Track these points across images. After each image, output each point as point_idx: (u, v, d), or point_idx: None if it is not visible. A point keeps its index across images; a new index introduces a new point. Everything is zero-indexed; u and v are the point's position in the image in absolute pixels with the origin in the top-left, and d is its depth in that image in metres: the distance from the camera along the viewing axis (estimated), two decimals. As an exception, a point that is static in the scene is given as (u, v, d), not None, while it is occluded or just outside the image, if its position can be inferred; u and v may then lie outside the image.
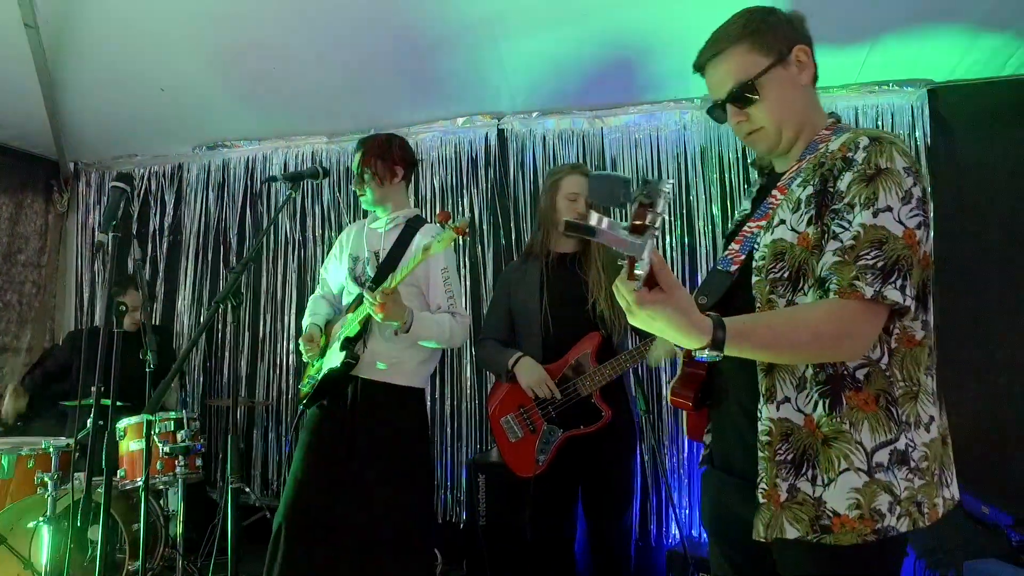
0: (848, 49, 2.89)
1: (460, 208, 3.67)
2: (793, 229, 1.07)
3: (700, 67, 1.22)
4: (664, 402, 3.23)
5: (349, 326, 2.11)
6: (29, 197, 4.18)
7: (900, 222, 1.00)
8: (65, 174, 4.26)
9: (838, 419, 1.04)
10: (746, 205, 1.28)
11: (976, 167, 3.03)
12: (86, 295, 4.22)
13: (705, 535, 2.01)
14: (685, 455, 3.21)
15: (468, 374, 3.56)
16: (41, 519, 2.36)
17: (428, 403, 3.35)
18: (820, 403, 1.05)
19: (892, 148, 1.03)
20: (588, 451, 2.21)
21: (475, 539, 2.84)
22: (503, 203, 3.60)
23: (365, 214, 2.33)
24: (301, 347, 2.22)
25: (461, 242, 3.63)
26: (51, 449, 2.50)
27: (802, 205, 1.07)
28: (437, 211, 3.68)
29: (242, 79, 3.37)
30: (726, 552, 1.23)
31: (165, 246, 4.15)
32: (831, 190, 1.04)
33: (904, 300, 0.99)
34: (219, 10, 2.87)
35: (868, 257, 0.99)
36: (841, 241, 1.01)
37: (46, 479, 2.39)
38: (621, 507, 2.28)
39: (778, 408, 1.07)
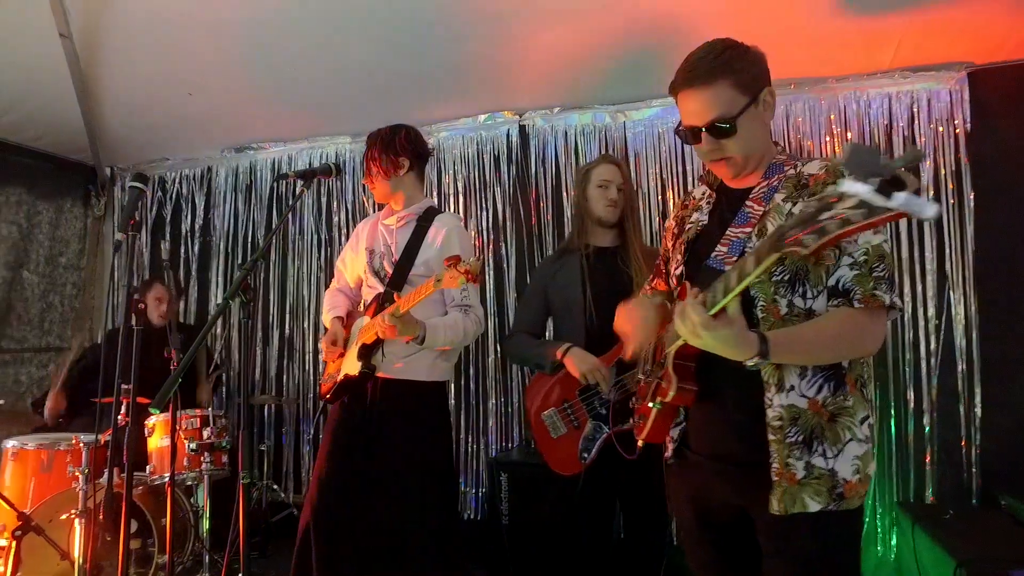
0: (879, 34, 2.77)
1: (483, 205, 3.65)
2: None
3: (677, 90, 1.30)
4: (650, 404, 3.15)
5: (367, 333, 2.09)
6: (69, 202, 4.32)
7: (886, 241, 1.22)
8: (101, 179, 4.40)
9: (841, 397, 1.22)
10: (699, 217, 1.41)
11: (1020, 152, 2.88)
12: (119, 295, 4.35)
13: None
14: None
15: (492, 370, 3.54)
16: (74, 512, 2.43)
17: (451, 399, 3.37)
18: (826, 385, 1.21)
19: None
20: (630, 450, 2.13)
21: (496, 538, 2.82)
22: (525, 199, 3.57)
23: (381, 206, 2.31)
24: (321, 347, 2.22)
25: (484, 238, 3.62)
26: (82, 444, 2.57)
27: None
28: (460, 207, 3.68)
29: (267, 81, 3.42)
30: (709, 536, 1.36)
31: (196, 247, 4.25)
32: None
33: (901, 305, 1.21)
34: (243, 16, 2.91)
35: (879, 270, 1.18)
36: (853, 256, 1.18)
37: (78, 473, 2.46)
38: (657, 512, 2.20)
39: (787, 396, 1.20)
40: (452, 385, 3.47)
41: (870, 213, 0.82)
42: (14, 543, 2.27)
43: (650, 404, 1.33)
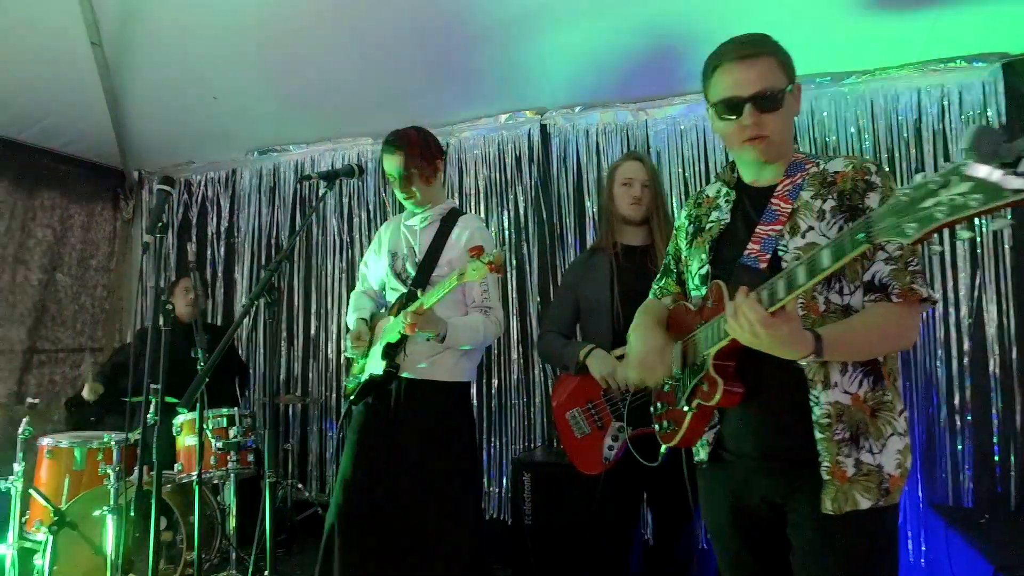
0: (909, 25, 2.71)
1: (505, 205, 3.65)
2: (824, 235, 1.22)
3: (718, 63, 1.29)
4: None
5: (391, 332, 2.09)
6: (99, 205, 4.43)
7: None
8: (129, 183, 4.49)
9: (880, 391, 1.22)
10: (719, 215, 1.39)
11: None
12: (147, 297, 4.44)
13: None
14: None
15: (516, 370, 3.54)
16: (106, 508, 2.49)
17: (474, 399, 3.38)
18: (866, 380, 1.21)
19: (890, 176, 1.26)
20: (655, 453, 2.12)
21: (521, 538, 2.82)
22: (547, 199, 3.56)
23: (402, 208, 2.32)
24: (348, 344, 2.23)
25: (505, 239, 3.62)
26: (113, 443, 2.63)
27: (827, 215, 1.24)
28: (481, 208, 3.69)
29: (290, 85, 3.46)
30: (743, 538, 1.34)
31: (222, 248, 4.32)
32: (860, 206, 1.21)
33: (936, 297, 1.26)
34: (266, 21, 2.95)
35: (913, 264, 1.19)
36: (888, 252, 1.19)
37: (109, 471, 2.52)
38: (685, 515, 2.17)
39: (832, 392, 1.20)
40: (474, 385, 3.48)
41: (988, 199, 0.77)
42: (51, 537, 2.33)
43: (685, 408, 1.30)
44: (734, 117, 1.26)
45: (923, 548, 2.82)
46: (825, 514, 1.17)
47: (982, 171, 0.77)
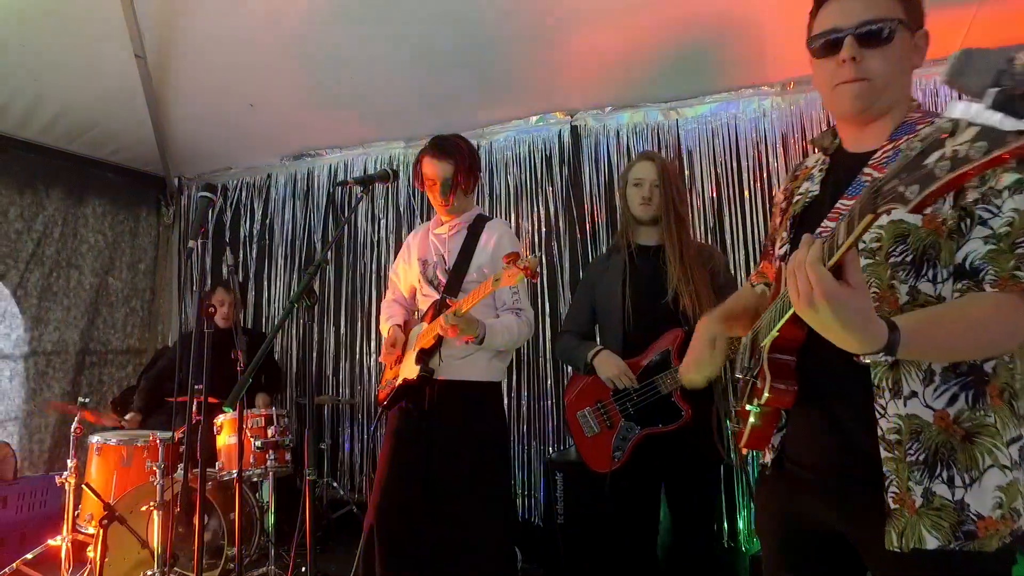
0: (947, 21, 2.63)
1: (536, 207, 3.67)
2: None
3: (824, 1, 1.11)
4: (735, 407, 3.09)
5: (425, 337, 2.14)
6: (144, 211, 4.59)
7: None
8: (170, 189, 4.64)
9: (981, 412, 0.97)
10: (809, 187, 1.18)
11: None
12: (186, 300, 4.58)
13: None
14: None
15: (545, 371, 3.55)
16: (152, 504, 2.58)
17: (505, 399, 3.40)
18: (963, 396, 0.97)
19: None
20: (669, 451, 2.13)
21: (553, 538, 2.83)
22: (578, 200, 3.56)
23: (430, 216, 2.36)
24: (383, 351, 2.28)
25: (536, 240, 3.63)
26: (158, 441, 2.73)
27: None
28: (512, 209, 3.71)
29: (323, 92, 3.54)
30: (793, 561, 1.16)
31: (255, 252, 4.43)
32: None
33: None
34: (299, 30, 3.03)
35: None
36: (991, 228, 0.93)
37: (155, 468, 2.61)
38: (703, 513, 2.19)
39: (905, 404, 0.98)
40: (505, 386, 3.50)
41: (993, 145, 0.59)
42: (101, 531, 2.42)
43: (748, 407, 1.14)
44: (832, 52, 1.06)
45: None
46: (892, 551, 0.97)
47: (966, 109, 0.61)
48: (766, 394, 1.05)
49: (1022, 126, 0.57)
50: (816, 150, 1.24)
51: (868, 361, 0.89)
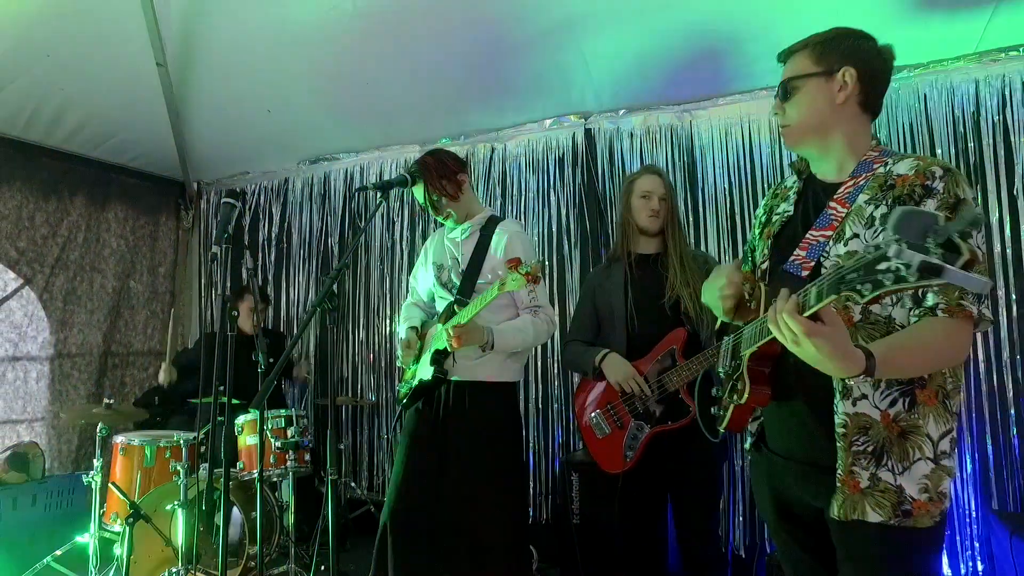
0: (964, 14, 2.62)
1: (549, 209, 3.69)
2: (868, 243, 1.19)
3: (783, 60, 1.37)
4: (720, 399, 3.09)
5: (439, 338, 2.17)
6: (164, 216, 4.68)
7: (979, 247, 1.14)
8: (189, 193, 4.73)
9: (916, 415, 1.17)
10: (785, 207, 1.39)
11: None
12: (207, 303, 4.65)
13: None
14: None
15: (554, 373, 3.58)
16: (176, 503, 2.64)
17: (522, 400, 3.42)
18: (901, 401, 1.18)
19: (962, 180, 1.17)
20: (676, 448, 2.17)
21: (569, 538, 2.85)
22: (591, 202, 3.58)
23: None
24: (399, 353, 2.32)
25: (550, 242, 3.66)
26: (181, 442, 2.78)
27: (876, 223, 1.18)
28: (526, 212, 3.74)
29: (339, 97, 3.59)
30: (792, 531, 1.36)
31: (273, 255, 4.49)
32: None
33: (992, 316, 1.17)
34: (316, 36, 3.08)
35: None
36: None
37: (178, 468, 2.66)
38: (707, 508, 2.21)
39: (854, 404, 1.18)
40: (522, 386, 3.52)
41: (921, 278, 0.80)
42: (127, 529, 2.48)
43: (727, 400, 1.35)
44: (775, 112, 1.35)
45: (979, 554, 2.72)
46: (837, 520, 1.18)
47: (901, 256, 0.81)
48: (746, 395, 1.26)
49: (935, 281, 0.80)
50: (793, 172, 1.44)
51: (851, 383, 1.11)
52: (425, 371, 2.19)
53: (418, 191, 2.23)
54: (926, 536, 1.18)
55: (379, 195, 1.98)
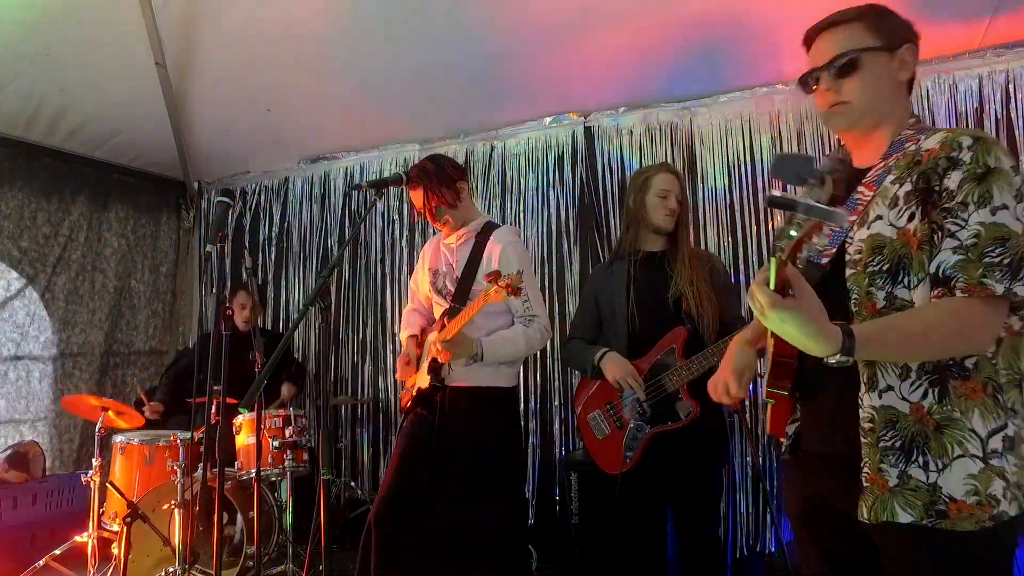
0: (968, 9, 2.60)
1: (549, 208, 3.67)
2: (892, 224, 1.11)
3: (810, 38, 1.25)
4: (758, 400, 3.07)
5: (434, 348, 2.17)
6: (164, 215, 4.68)
7: (1018, 219, 1.04)
8: (190, 193, 4.73)
9: (948, 407, 1.07)
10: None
11: None
12: (207, 302, 4.66)
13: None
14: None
15: (554, 374, 3.56)
16: (173, 502, 2.64)
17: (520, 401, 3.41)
18: (930, 392, 1.08)
19: (996, 148, 1.07)
20: (676, 449, 2.15)
21: (567, 538, 2.84)
22: (591, 200, 3.57)
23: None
24: (398, 368, 2.33)
25: (549, 241, 3.65)
26: (179, 441, 2.79)
27: (900, 202, 1.11)
28: (526, 210, 3.72)
29: (338, 96, 3.59)
30: (815, 536, 1.26)
31: (274, 254, 4.49)
32: (936, 188, 1.08)
33: None
34: (315, 35, 3.07)
35: (993, 255, 1.03)
36: (959, 239, 1.04)
37: (176, 468, 2.67)
38: (707, 509, 2.20)
39: (880, 396, 1.10)
40: (521, 385, 3.51)
41: (801, 223, 0.87)
42: (125, 528, 2.48)
43: (766, 400, 1.28)
44: (815, 88, 1.23)
45: None
46: (866, 523, 1.10)
47: (768, 194, 0.86)
48: (766, 388, 1.21)
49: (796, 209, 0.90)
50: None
51: (833, 363, 1.01)
52: (423, 379, 2.20)
53: (416, 197, 2.23)
54: (972, 543, 1.04)
55: (373, 193, 1.97)
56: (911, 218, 1.09)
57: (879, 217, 1.13)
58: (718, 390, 1.35)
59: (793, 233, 0.90)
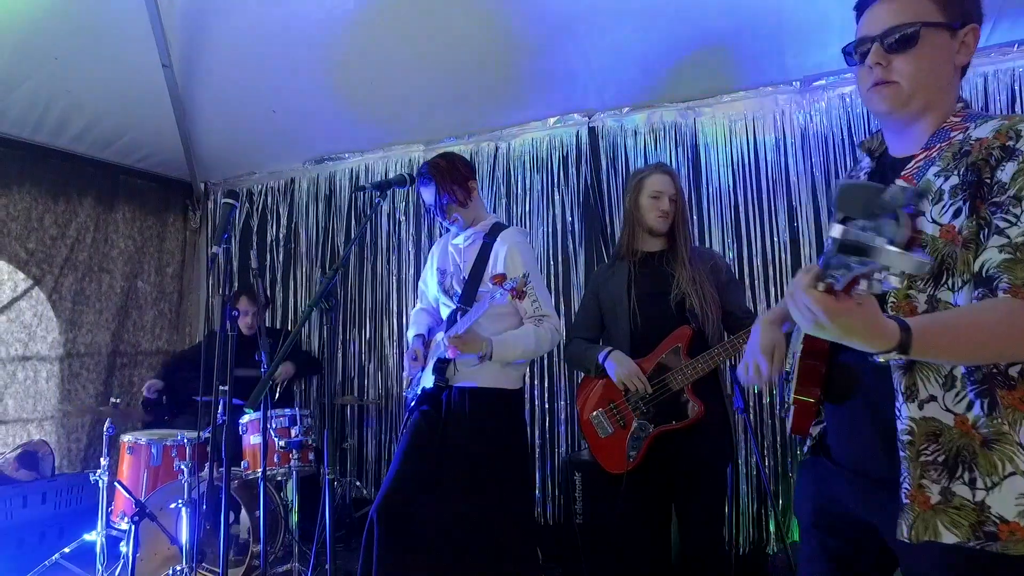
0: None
1: (553, 208, 3.68)
2: (935, 221, 1.02)
3: (865, 2, 1.13)
4: (763, 399, 3.07)
5: (440, 347, 2.19)
6: (171, 216, 4.71)
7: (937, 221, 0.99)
8: (196, 194, 4.76)
9: (998, 420, 0.98)
10: None
11: None
12: (214, 303, 4.68)
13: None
14: (789, 457, 3.02)
15: (559, 374, 3.57)
16: (180, 501, 2.66)
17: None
18: (978, 403, 0.99)
19: None
20: (680, 448, 2.15)
21: (572, 537, 2.84)
22: (596, 201, 3.57)
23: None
24: (406, 364, 2.33)
25: (554, 242, 3.65)
26: (186, 441, 2.81)
27: (946, 196, 1.02)
28: (530, 211, 3.73)
29: (344, 96, 3.60)
30: (823, 540, 1.21)
31: (281, 255, 4.51)
32: (988, 180, 0.99)
33: None
34: (320, 36, 3.09)
35: None
36: (1008, 236, 0.96)
37: (183, 467, 2.69)
38: (711, 509, 2.19)
39: (921, 407, 1.02)
40: (526, 385, 3.52)
41: (866, 263, 0.71)
42: (133, 527, 2.50)
43: (789, 400, 1.23)
44: (859, 62, 1.10)
45: None
46: (901, 541, 1.02)
47: (833, 232, 0.72)
48: (794, 395, 1.14)
49: (870, 255, 0.71)
50: (864, 153, 1.26)
51: (881, 360, 0.91)
52: (428, 379, 2.21)
53: (427, 193, 2.23)
54: (1021, 566, 0.97)
55: (377, 194, 1.98)
56: (956, 214, 1.00)
57: (920, 214, 1.05)
58: (750, 372, 1.25)
59: (856, 270, 0.74)
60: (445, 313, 2.31)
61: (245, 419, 3.04)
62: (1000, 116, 1.05)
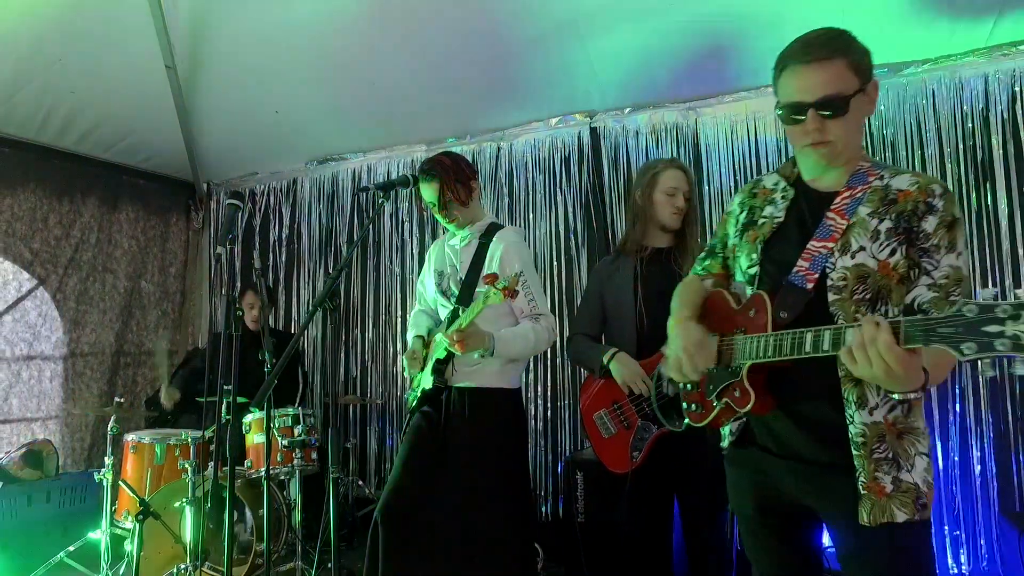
0: (974, 7, 2.59)
1: (555, 208, 3.69)
2: (874, 257, 1.23)
3: (785, 65, 1.26)
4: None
5: (439, 347, 2.19)
6: (174, 216, 4.73)
7: (965, 265, 1.22)
8: (199, 194, 4.78)
9: (912, 418, 1.24)
10: (773, 212, 1.37)
11: None
12: (217, 303, 4.70)
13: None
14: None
15: (561, 372, 3.58)
16: (184, 500, 2.67)
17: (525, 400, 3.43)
18: (898, 408, 1.22)
19: (955, 200, 1.24)
20: (683, 449, 2.14)
21: (573, 537, 2.85)
22: (597, 201, 3.58)
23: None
24: (405, 363, 2.34)
25: (556, 241, 3.66)
26: (190, 440, 2.82)
27: (882, 236, 1.23)
28: (532, 211, 3.74)
29: (346, 97, 3.62)
30: (768, 521, 1.39)
31: (284, 255, 4.53)
32: (915, 229, 1.22)
33: None
34: (322, 37, 3.10)
35: (955, 294, 1.19)
36: (932, 278, 1.19)
37: (187, 466, 2.70)
38: (714, 508, 2.20)
39: (871, 413, 1.22)
40: (527, 384, 3.53)
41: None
42: (137, 526, 2.52)
43: (714, 403, 1.35)
44: (798, 121, 1.25)
45: (984, 554, 2.70)
46: (862, 525, 1.21)
47: (1014, 328, 0.87)
48: (750, 405, 1.27)
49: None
50: (778, 176, 1.42)
51: (898, 397, 1.14)
52: (427, 380, 2.22)
53: (429, 190, 2.21)
54: (930, 526, 1.27)
55: (380, 195, 1.99)
56: (892, 253, 1.22)
57: (862, 248, 1.23)
58: (683, 368, 1.35)
59: (1002, 349, 0.91)
60: (443, 314, 2.31)
61: (248, 419, 3.06)
62: (906, 171, 1.28)
